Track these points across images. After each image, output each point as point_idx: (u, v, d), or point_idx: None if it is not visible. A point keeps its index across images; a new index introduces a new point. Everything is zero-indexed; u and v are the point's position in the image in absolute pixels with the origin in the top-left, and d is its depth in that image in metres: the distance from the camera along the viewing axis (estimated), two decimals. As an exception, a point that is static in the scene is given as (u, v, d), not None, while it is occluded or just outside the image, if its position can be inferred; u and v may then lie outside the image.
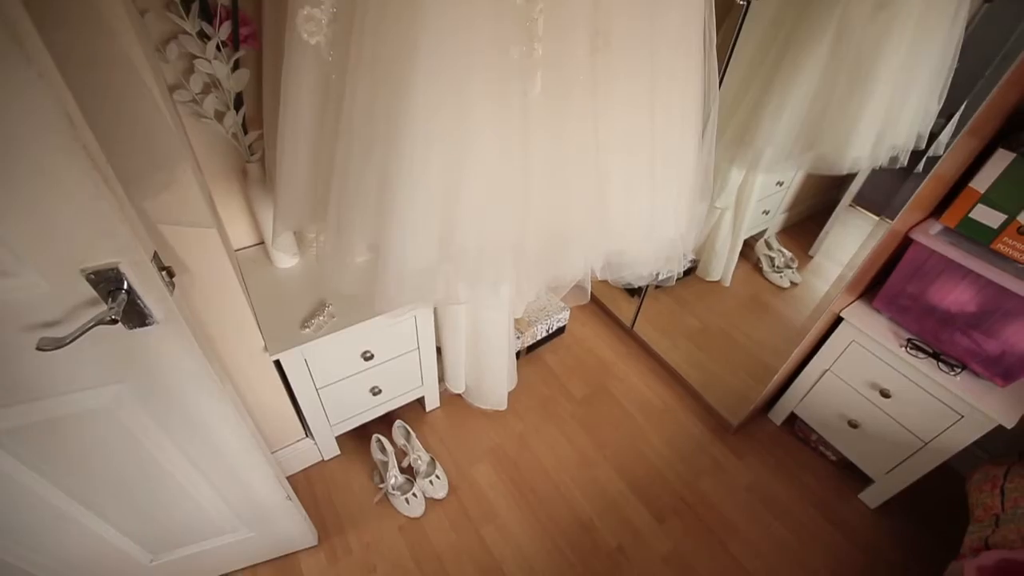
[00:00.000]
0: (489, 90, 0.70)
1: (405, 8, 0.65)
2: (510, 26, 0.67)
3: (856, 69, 1.32)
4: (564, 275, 0.98)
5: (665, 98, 0.84)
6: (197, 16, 0.97)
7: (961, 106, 1.22)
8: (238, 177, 1.26)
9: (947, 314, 1.37)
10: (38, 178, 0.55)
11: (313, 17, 0.72)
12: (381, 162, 0.75)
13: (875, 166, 1.58)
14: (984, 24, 1.51)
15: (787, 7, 1.31)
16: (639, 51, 0.77)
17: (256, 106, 1.14)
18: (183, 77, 1.05)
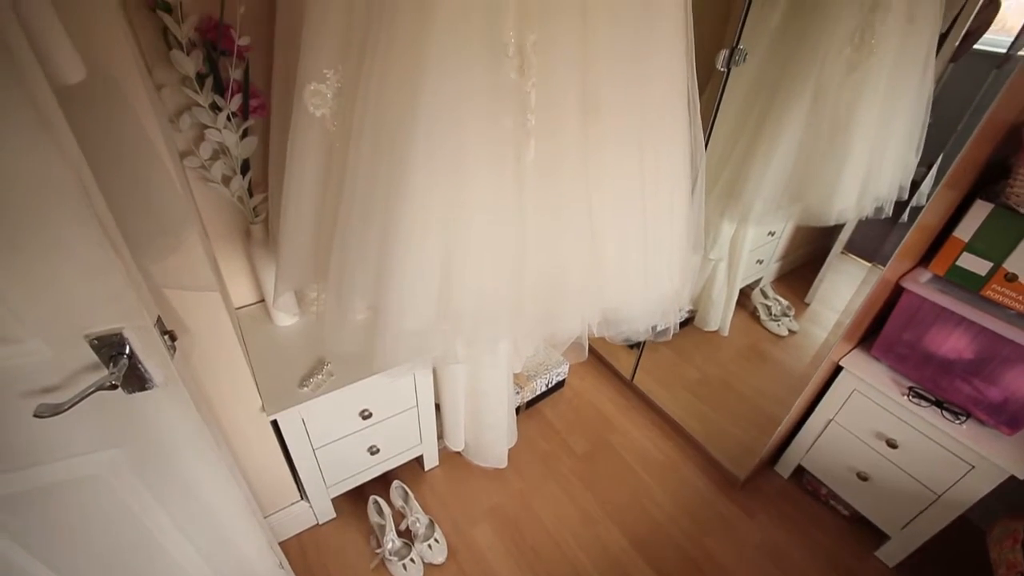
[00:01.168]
0: (485, 157, 0.74)
1: (405, 84, 0.69)
2: (504, 98, 0.72)
3: (834, 126, 1.39)
4: (561, 332, 0.99)
5: (654, 161, 0.88)
6: (211, 90, 1.03)
7: (939, 157, 1.28)
8: (241, 237, 1.29)
9: (946, 361, 1.37)
10: (50, 247, 0.57)
11: (319, 92, 0.77)
12: (381, 226, 0.77)
13: (861, 217, 1.63)
14: (952, 82, 1.60)
15: (766, 73, 1.40)
16: (627, 118, 0.82)
17: (262, 170, 1.19)
18: (193, 144, 1.10)
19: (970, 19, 1.48)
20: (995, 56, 1.26)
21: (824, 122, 1.38)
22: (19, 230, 0.54)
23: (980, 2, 1.49)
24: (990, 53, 1.27)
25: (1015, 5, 1.30)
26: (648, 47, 0.79)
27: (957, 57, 1.55)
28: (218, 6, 0.98)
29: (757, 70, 1.39)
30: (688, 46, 0.85)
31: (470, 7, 0.65)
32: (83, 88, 0.57)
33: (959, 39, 1.52)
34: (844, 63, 1.32)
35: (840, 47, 1.31)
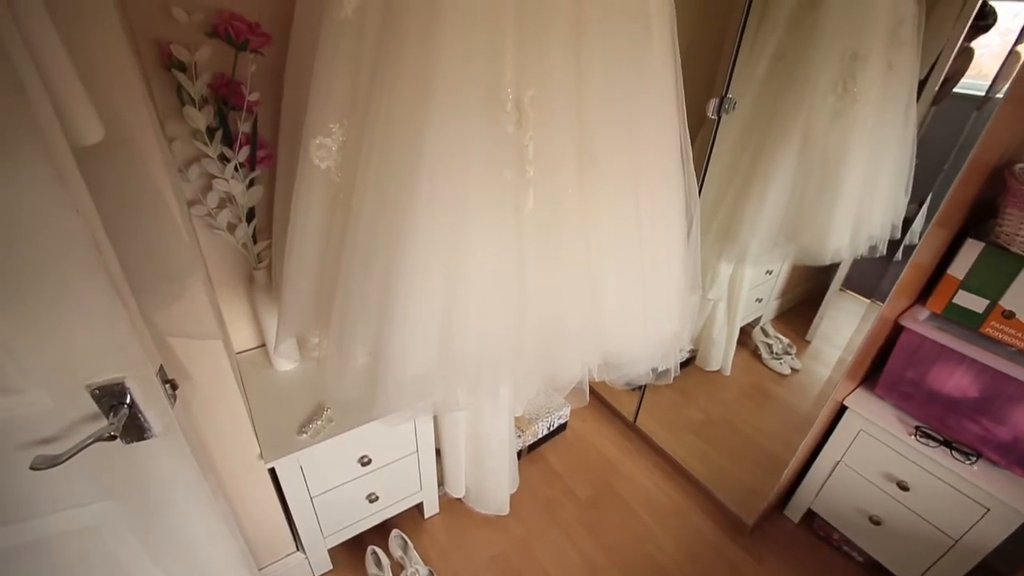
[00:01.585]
0: (485, 207, 0.77)
1: (407, 137, 0.72)
2: (503, 150, 0.75)
3: (824, 169, 1.43)
4: (562, 376, 0.99)
5: (649, 207, 0.91)
6: (220, 142, 1.07)
7: (929, 195, 1.31)
8: (244, 283, 1.31)
9: (951, 400, 1.36)
10: (58, 297, 0.57)
11: (324, 145, 0.80)
12: (383, 273, 0.79)
13: (856, 255, 1.65)
14: (935, 123, 1.65)
15: (755, 119, 1.45)
16: (622, 167, 0.85)
17: (267, 217, 1.21)
18: (201, 193, 1.13)
19: (947, 66, 1.55)
20: (975, 98, 1.31)
21: (814, 165, 1.42)
22: (28, 280, 0.56)
23: (955, 51, 1.56)
24: (970, 96, 1.32)
25: (988, 52, 1.36)
26: (640, 100, 0.83)
27: (939, 100, 1.61)
28: (231, 65, 1.03)
29: (747, 117, 1.44)
30: (679, 98, 0.89)
31: (470, 66, 0.69)
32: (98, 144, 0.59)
33: (939, 84, 1.58)
34: (829, 110, 1.37)
35: (824, 95, 1.37)
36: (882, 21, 1.35)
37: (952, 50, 1.54)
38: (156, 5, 0.97)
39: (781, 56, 1.42)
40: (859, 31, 1.33)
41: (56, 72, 0.55)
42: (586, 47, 0.74)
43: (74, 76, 0.56)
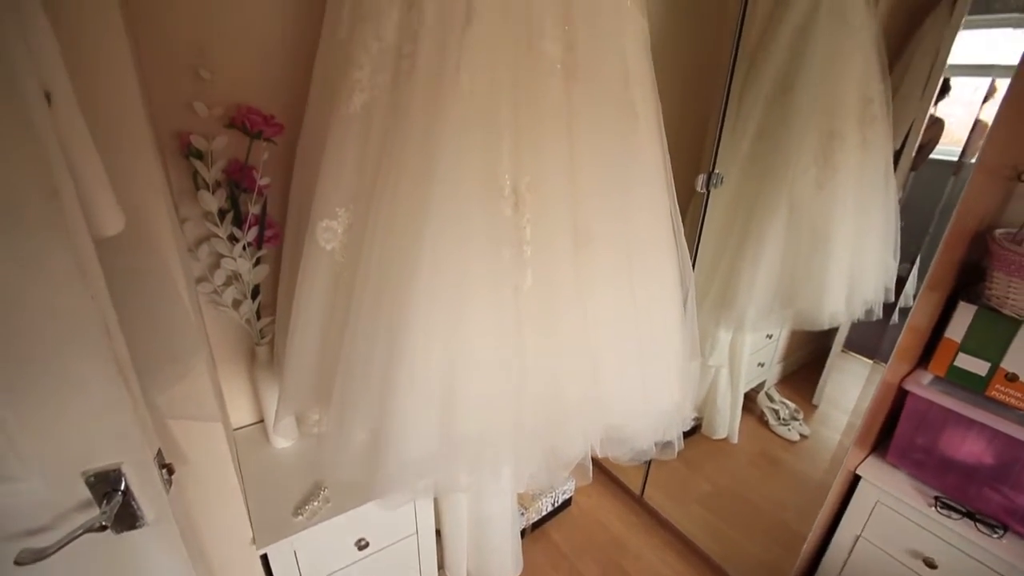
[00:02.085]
0: (485, 286, 0.79)
1: (410, 220, 0.76)
2: (502, 232, 0.79)
3: (812, 236, 1.48)
4: (564, 452, 0.97)
5: (644, 280, 0.94)
6: (230, 223, 1.11)
7: (918, 255, 1.34)
8: (246, 358, 1.31)
9: (967, 467, 1.32)
10: (64, 383, 0.58)
11: (330, 228, 0.84)
12: (385, 351, 0.80)
13: (853, 319, 1.67)
14: (916, 188, 1.73)
15: (742, 192, 1.52)
16: (616, 244, 0.89)
17: (271, 294, 1.24)
18: (208, 271, 1.16)
19: (919, 136, 1.65)
20: (951, 163, 1.37)
21: (803, 233, 1.47)
22: (35, 366, 0.56)
23: (925, 122, 1.66)
24: (946, 161, 1.38)
25: (957, 121, 1.45)
26: (631, 182, 0.88)
27: (916, 166, 1.69)
28: (245, 151, 1.09)
29: (734, 190, 1.51)
30: (667, 177, 0.95)
31: (469, 157, 0.74)
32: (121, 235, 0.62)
33: (914, 151, 1.67)
34: (812, 181, 1.44)
35: (806, 167, 1.44)
36: (852, 101, 1.45)
37: (922, 122, 1.64)
38: (180, 101, 1.05)
39: (762, 134, 1.51)
40: (832, 111, 1.42)
41: (85, 168, 0.59)
42: (578, 137, 0.79)
43: (101, 171, 0.60)
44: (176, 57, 1.02)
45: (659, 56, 0.96)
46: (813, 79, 1.41)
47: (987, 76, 1.29)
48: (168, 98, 1.03)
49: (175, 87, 1.03)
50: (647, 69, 0.89)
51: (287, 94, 1.10)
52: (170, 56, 1.01)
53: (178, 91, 1.04)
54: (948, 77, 1.56)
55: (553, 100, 0.77)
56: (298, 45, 1.06)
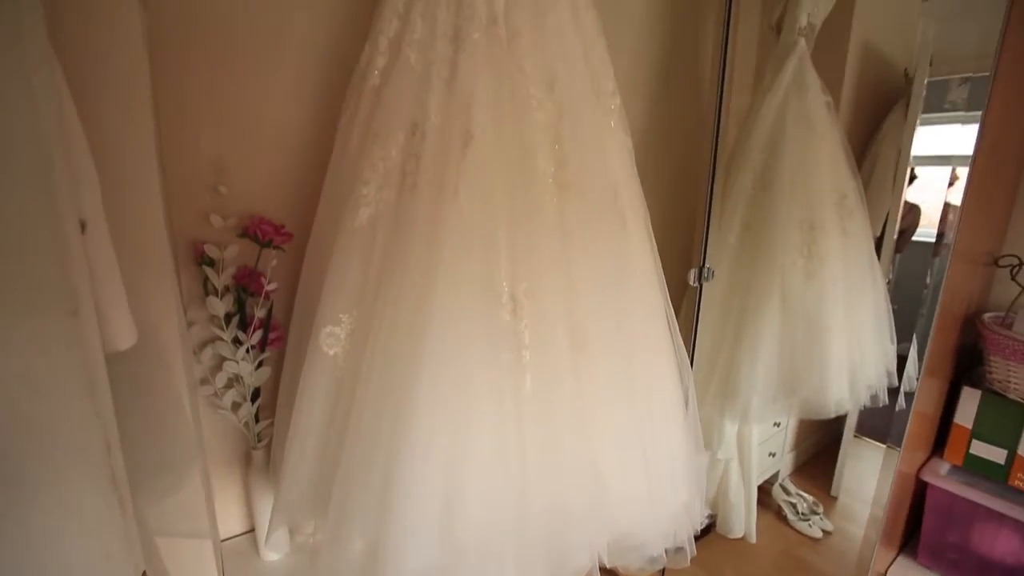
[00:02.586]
0: (485, 393, 0.81)
1: (412, 327, 0.79)
2: (501, 338, 0.81)
3: (807, 325, 1.50)
4: (569, 563, 0.92)
5: (643, 379, 0.95)
6: (236, 327, 1.14)
7: (914, 336, 1.35)
8: (240, 463, 1.27)
9: (1007, 568, 1.24)
10: (56, 508, 0.56)
11: (334, 334, 0.87)
12: (385, 458, 0.79)
13: (860, 406, 1.64)
14: (903, 269, 1.78)
15: (734, 284, 1.57)
16: (613, 345, 0.91)
17: (271, 395, 1.23)
18: (210, 373, 1.16)
19: (897, 223, 1.73)
20: (932, 245, 1.42)
21: (797, 322, 1.50)
22: (29, 490, 0.55)
23: (900, 209, 1.76)
24: (927, 243, 1.44)
25: (932, 205, 1.53)
26: (624, 283, 0.92)
27: (900, 249, 1.76)
28: (255, 258, 1.15)
29: (726, 281, 1.56)
30: (658, 275, 0.99)
31: (468, 265, 0.79)
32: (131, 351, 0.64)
33: (896, 236, 1.74)
34: (800, 272, 1.50)
35: (794, 259, 1.50)
36: (827, 196, 1.55)
37: (897, 211, 1.73)
38: (197, 213, 1.12)
39: (748, 227, 1.59)
40: (810, 205, 1.51)
41: (106, 287, 0.62)
42: (572, 245, 0.85)
43: (121, 289, 0.63)
44: (198, 176, 1.10)
45: (643, 165, 1.05)
46: (789, 178, 1.51)
47: (948, 165, 1.40)
48: (187, 211, 1.10)
49: (194, 201, 1.11)
50: (633, 180, 0.97)
51: (297, 205, 1.18)
52: (192, 175, 1.10)
53: (197, 205, 1.11)
54: (913, 167, 1.68)
55: (547, 212, 0.84)
56: (310, 162, 1.15)
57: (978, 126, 1.19)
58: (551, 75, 0.86)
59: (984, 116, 1.19)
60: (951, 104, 1.54)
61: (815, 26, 1.57)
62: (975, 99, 1.24)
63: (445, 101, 0.83)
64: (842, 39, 1.73)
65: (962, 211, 1.23)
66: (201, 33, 1.06)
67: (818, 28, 1.60)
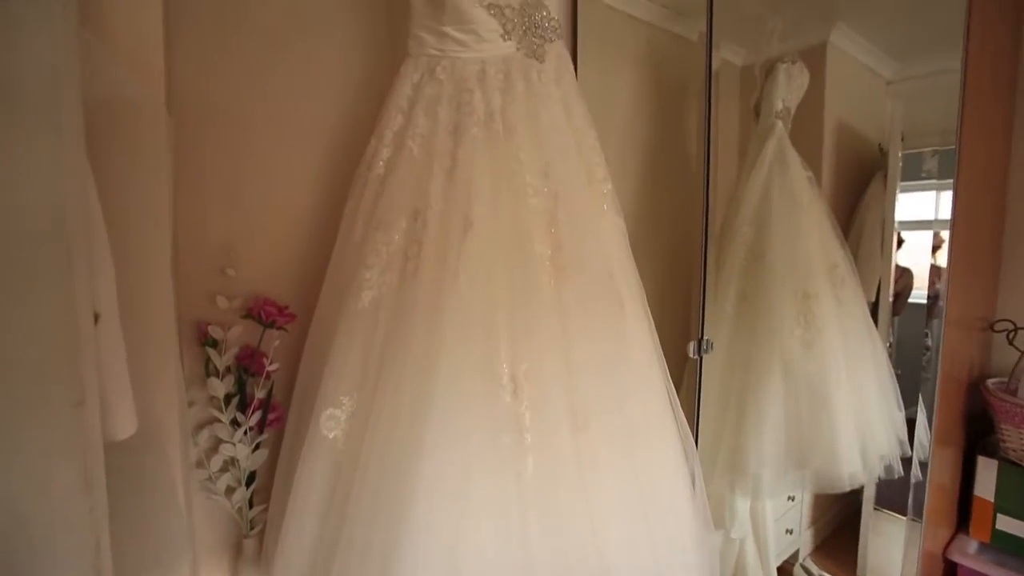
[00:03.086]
0: (486, 475, 0.79)
1: (413, 406, 0.79)
2: (501, 419, 0.81)
3: (811, 395, 1.49)
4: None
5: (646, 459, 0.93)
6: (235, 408, 1.13)
7: (921, 400, 1.33)
8: (230, 552, 1.21)
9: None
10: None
11: (334, 416, 0.86)
12: (383, 547, 0.76)
13: (874, 478, 1.59)
14: (903, 331, 1.78)
15: (734, 355, 1.57)
16: (614, 425, 0.90)
17: (266, 479, 1.20)
18: (205, 456, 1.14)
19: (891, 288, 1.76)
20: (927, 306, 1.43)
21: (801, 393, 1.48)
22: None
23: (892, 274, 1.79)
24: (924, 304, 1.45)
25: (923, 268, 1.56)
26: (623, 362, 0.93)
27: (899, 312, 1.77)
28: (257, 338, 1.16)
29: (725, 351, 1.56)
30: (657, 352, 1.00)
31: (469, 347, 0.80)
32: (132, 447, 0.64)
33: (891, 299, 1.76)
34: (799, 341, 1.51)
35: (791, 328, 1.52)
36: (818, 265, 1.59)
37: (888, 276, 1.77)
38: (204, 293, 1.14)
39: (744, 296, 1.62)
40: (803, 275, 1.55)
41: (112, 377, 0.63)
42: (570, 326, 0.87)
43: (126, 380, 0.64)
44: (207, 258, 1.14)
45: (637, 243, 1.09)
46: (780, 249, 1.56)
47: (931, 229, 1.44)
48: (194, 292, 1.12)
49: (202, 283, 1.14)
50: (627, 260, 1.01)
51: (302, 287, 1.21)
52: (202, 257, 1.13)
53: (204, 286, 1.14)
54: (900, 232, 1.73)
55: (545, 293, 0.86)
56: (316, 245, 1.20)
57: (951, 194, 1.26)
58: (546, 164, 0.92)
59: (955, 185, 1.25)
60: (927, 173, 1.62)
61: (790, 109, 1.69)
62: (946, 169, 1.32)
63: (446, 189, 0.88)
64: (817, 119, 1.85)
65: (949, 276, 1.26)
66: (218, 121, 1.14)
67: (793, 111, 1.71)
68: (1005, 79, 1.52)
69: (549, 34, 1.01)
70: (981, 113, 1.32)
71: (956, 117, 1.26)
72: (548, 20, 1.02)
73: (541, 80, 0.97)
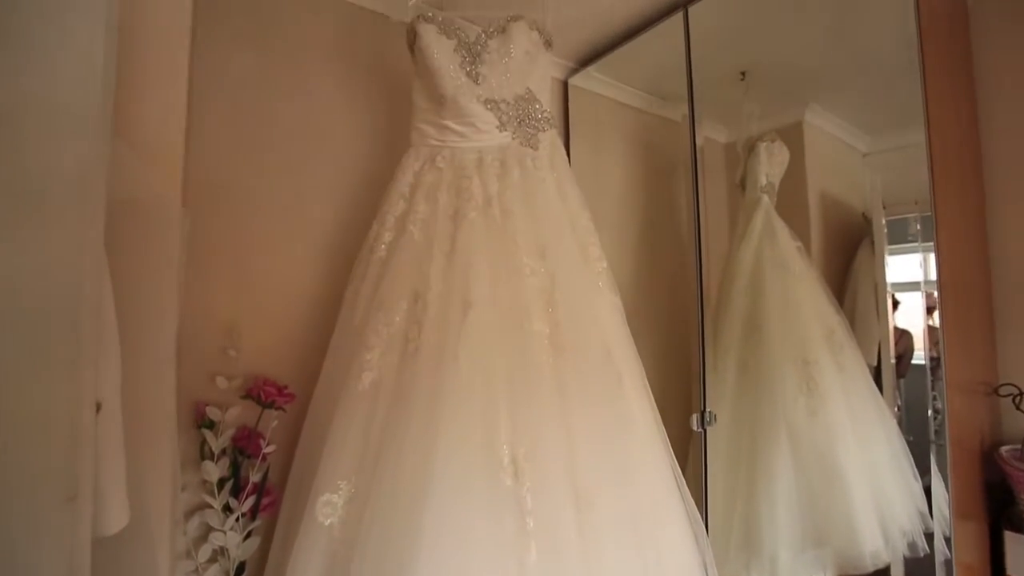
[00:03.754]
0: (488, 562, 0.76)
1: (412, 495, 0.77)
2: (503, 503, 0.79)
3: (821, 466, 1.44)
4: None
5: (653, 540, 0.89)
6: (228, 492, 1.10)
7: (934, 466, 1.28)
8: (214, 656, 1.13)
9: None
10: None
11: (331, 502, 0.84)
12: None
13: (899, 556, 1.51)
14: (910, 394, 1.74)
15: (739, 427, 1.54)
16: (619, 507, 0.87)
17: (256, 569, 1.14)
18: (194, 546, 1.09)
19: (891, 351, 1.75)
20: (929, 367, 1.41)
21: (810, 462, 1.44)
22: None
23: (892, 337, 1.78)
24: (926, 365, 1.43)
25: (923, 329, 1.55)
26: (625, 441, 0.91)
27: (904, 374, 1.75)
28: (255, 418, 1.15)
29: (730, 423, 1.53)
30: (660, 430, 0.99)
31: (469, 429, 0.79)
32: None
33: (894, 362, 1.74)
34: (803, 409, 1.48)
35: (795, 396, 1.50)
36: (815, 333, 1.59)
37: (888, 340, 1.76)
38: (204, 374, 1.14)
39: (744, 366, 1.61)
40: (801, 343, 1.55)
41: (107, 469, 0.62)
42: (569, 405, 0.87)
43: (122, 472, 0.63)
44: (209, 339, 1.16)
45: (634, 318, 1.11)
46: (776, 317, 1.57)
47: (923, 290, 1.46)
48: (194, 373, 1.13)
49: (203, 364, 1.14)
50: (625, 336, 1.02)
51: (302, 366, 1.21)
52: (204, 338, 1.15)
53: (205, 367, 1.15)
54: (894, 294, 1.74)
55: (544, 373, 0.87)
56: (317, 326, 1.22)
57: (934, 257, 1.29)
58: (542, 245, 0.96)
59: (936, 250, 1.29)
60: (912, 236, 1.66)
61: (774, 183, 1.77)
62: (928, 233, 1.36)
63: (446, 272, 0.91)
64: (801, 192, 1.93)
65: (944, 339, 1.26)
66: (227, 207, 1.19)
67: (778, 185, 1.79)
68: (970, 151, 1.60)
69: (542, 124, 1.09)
70: (952, 183, 1.39)
71: (928, 187, 1.32)
72: (541, 112, 1.10)
73: (535, 166, 1.03)
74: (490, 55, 1.05)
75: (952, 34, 1.50)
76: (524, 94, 1.07)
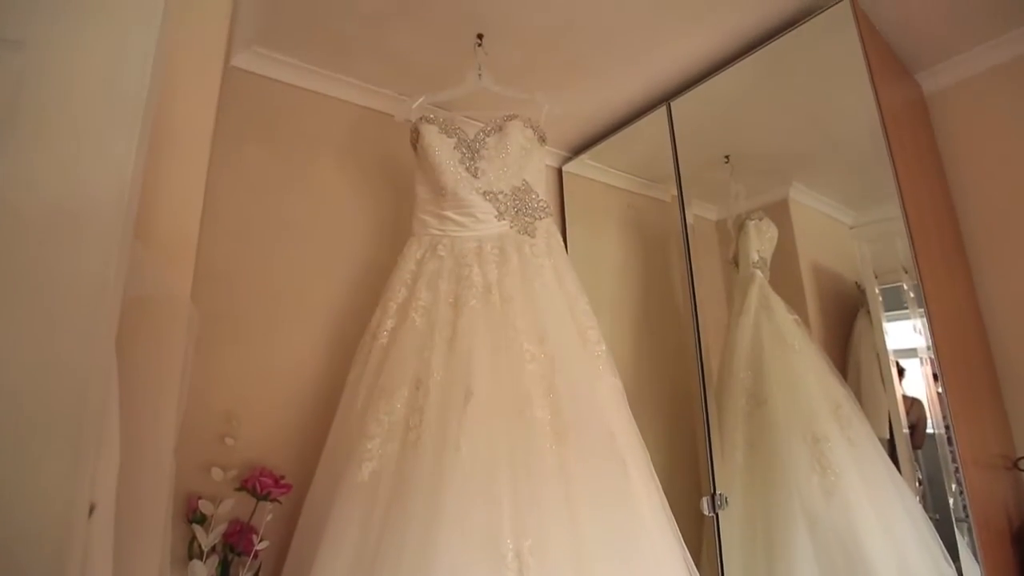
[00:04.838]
0: None
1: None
2: None
3: (843, 549, 1.36)
4: None
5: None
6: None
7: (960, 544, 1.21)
8: None
9: None
10: None
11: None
12: None
13: (938, 651, 1.39)
14: (928, 465, 1.67)
15: (752, 510, 1.47)
16: None
17: None
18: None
19: (903, 421, 1.70)
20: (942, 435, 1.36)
21: (832, 548, 1.36)
22: None
23: (902, 406, 1.74)
24: (941, 434, 1.38)
25: (931, 397, 1.52)
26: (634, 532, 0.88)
27: (918, 445, 1.68)
28: (249, 511, 1.10)
29: (742, 505, 1.47)
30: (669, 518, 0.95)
31: (471, 521, 0.77)
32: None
33: (908, 433, 1.69)
34: (818, 489, 1.42)
35: (807, 475, 1.44)
36: (821, 407, 1.56)
37: (896, 409, 1.72)
38: (199, 464, 1.12)
39: (752, 444, 1.57)
40: (807, 418, 1.52)
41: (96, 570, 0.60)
42: (574, 494, 0.84)
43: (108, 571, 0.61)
44: (206, 429, 1.14)
45: (637, 400, 1.10)
46: (779, 393, 1.55)
47: (922, 357, 1.45)
48: (189, 464, 1.10)
49: (198, 454, 1.12)
50: (628, 420, 1.01)
51: (300, 455, 1.19)
52: (201, 429, 1.13)
53: (200, 457, 1.12)
54: (898, 361, 1.72)
55: (547, 461, 0.85)
56: (317, 413, 1.21)
57: (928, 327, 1.30)
58: (542, 330, 0.97)
59: (928, 320, 1.30)
60: (907, 303, 1.68)
61: (766, 259, 1.82)
62: (921, 300, 1.38)
63: (447, 359, 0.92)
64: (793, 266, 1.98)
65: (951, 411, 1.24)
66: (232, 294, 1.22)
67: (770, 260, 1.84)
68: (948, 222, 1.66)
69: (539, 213, 1.15)
70: (933, 252, 1.43)
71: (911, 257, 1.36)
72: (537, 201, 1.17)
73: (533, 253, 1.07)
74: (488, 151, 1.13)
75: (914, 121, 1.61)
76: (521, 185, 1.14)
